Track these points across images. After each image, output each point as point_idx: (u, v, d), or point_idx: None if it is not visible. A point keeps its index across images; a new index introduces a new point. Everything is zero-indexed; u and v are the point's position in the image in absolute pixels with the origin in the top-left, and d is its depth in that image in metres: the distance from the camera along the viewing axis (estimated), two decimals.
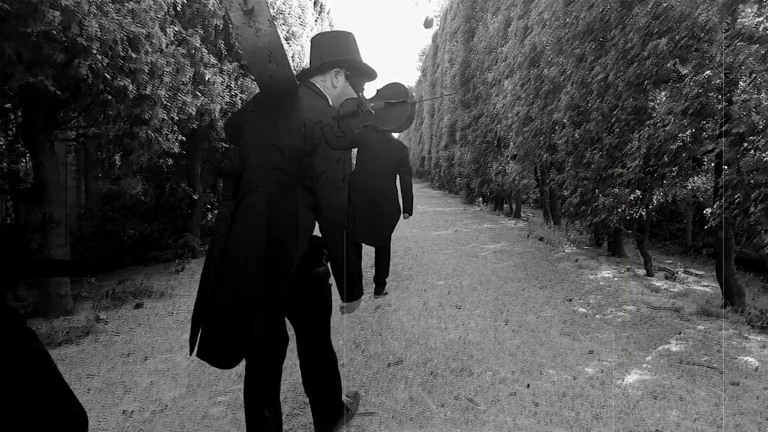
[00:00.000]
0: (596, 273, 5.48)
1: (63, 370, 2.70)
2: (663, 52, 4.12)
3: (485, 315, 3.84)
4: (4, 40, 2.54)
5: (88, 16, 2.68)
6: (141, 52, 3.13)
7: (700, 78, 3.85)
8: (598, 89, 5.22)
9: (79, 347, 3.04)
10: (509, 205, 12.86)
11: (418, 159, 28.58)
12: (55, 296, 3.49)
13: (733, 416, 2.37)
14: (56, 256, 3.44)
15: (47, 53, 2.63)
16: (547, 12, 7.03)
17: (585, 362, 2.95)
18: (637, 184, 4.69)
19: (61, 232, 3.49)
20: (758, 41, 3.43)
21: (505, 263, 5.92)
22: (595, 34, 5.42)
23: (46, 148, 3.39)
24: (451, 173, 16.78)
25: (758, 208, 3.28)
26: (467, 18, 14.54)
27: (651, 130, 4.36)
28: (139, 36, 3.07)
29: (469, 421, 2.25)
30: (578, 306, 4.16)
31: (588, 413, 2.34)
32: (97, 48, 2.77)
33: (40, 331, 3.15)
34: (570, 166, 6.05)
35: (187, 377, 2.65)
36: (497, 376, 2.73)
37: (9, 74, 2.64)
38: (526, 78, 8.16)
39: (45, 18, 2.49)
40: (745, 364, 3.02)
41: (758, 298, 5.51)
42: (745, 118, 3.38)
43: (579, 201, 5.73)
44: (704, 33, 3.84)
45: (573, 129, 5.89)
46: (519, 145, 8.40)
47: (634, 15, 4.64)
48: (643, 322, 3.76)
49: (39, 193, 3.40)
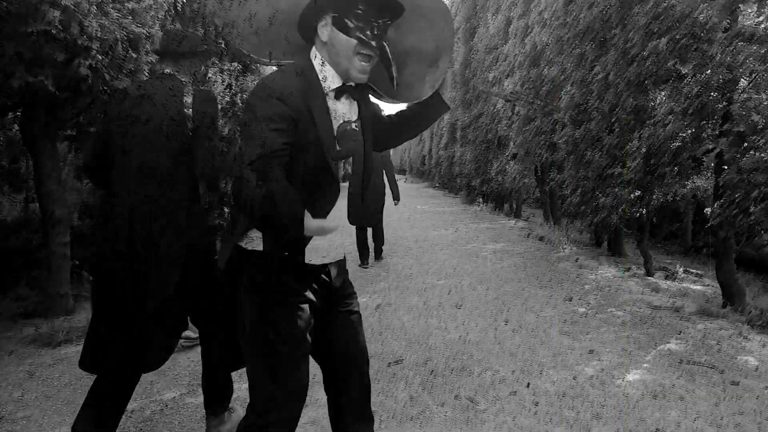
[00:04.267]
0: (596, 273, 5.48)
1: (63, 369, 2.70)
2: (663, 51, 4.12)
3: (485, 314, 3.84)
4: (4, 40, 2.54)
5: (89, 15, 2.67)
6: (141, 51, 3.13)
7: (700, 77, 3.85)
8: (598, 89, 5.22)
9: (79, 347, 3.02)
10: (509, 204, 12.85)
11: (419, 158, 28.56)
12: (55, 296, 3.48)
13: (733, 416, 2.37)
14: (57, 255, 3.44)
15: (47, 53, 2.62)
16: (547, 11, 7.03)
17: (585, 362, 2.96)
18: (637, 184, 4.69)
19: (62, 230, 3.49)
20: (758, 41, 3.43)
21: (505, 263, 5.92)
22: (595, 34, 5.42)
23: (46, 146, 3.39)
24: (451, 172, 16.78)
25: (758, 207, 3.28)
26: (467, 17, 14.53)
27: (651, 130, 4.36)
28: (139, 36, 3.06)
29: (469, 420, 2.25)
30: (578, 306, 4.16)
31: (588, 413, 2.34)
32: (97, 48, 2.76)
33: (40, 331, 3.15)
34: (570, 166, 6.05)
35: (187, 377, 2.65)
36: (497, 375, 2.73)
37: (9, 74, 2.64)
38: (526, 77, 8.16)
39: (45, 17, 2.49)
40: (745, 364, 3.02)
41: (758, 298, 5.52)
42: (745, 118, 3.38)
43: (579, 200, 5.73)
44: (704, 33, 3.83)
45: (573, 128, 5.89)
46: (519, 145, 8.40)
47: (635, 14, 4.63)
48: (643, 322, 3.76)
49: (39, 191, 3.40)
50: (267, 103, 1.16)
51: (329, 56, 1.27)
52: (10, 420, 2.19)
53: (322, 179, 1.25)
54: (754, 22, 3.65)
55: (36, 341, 3.04)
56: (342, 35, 1.22)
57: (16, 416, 2.22)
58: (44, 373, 2.65)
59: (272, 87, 1.18)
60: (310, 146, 1.21)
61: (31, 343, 3.03)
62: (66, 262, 3.52)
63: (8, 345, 3.00)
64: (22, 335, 3.14)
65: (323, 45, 1.27)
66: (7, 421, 2.17)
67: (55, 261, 3.45)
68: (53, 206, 3.44)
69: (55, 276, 3.47)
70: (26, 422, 2.17)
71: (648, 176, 4.55)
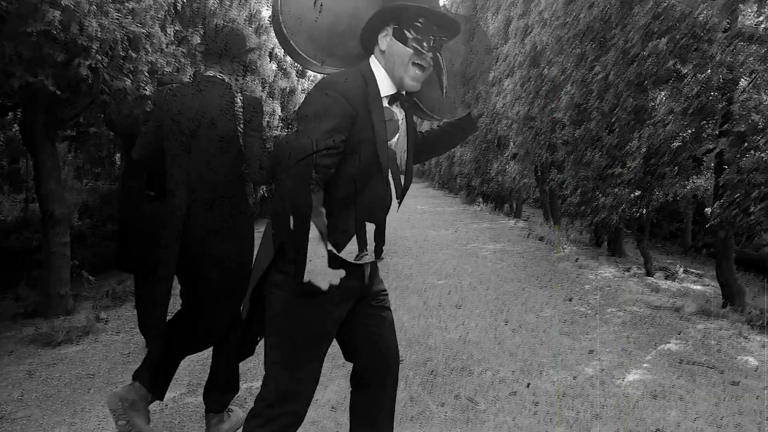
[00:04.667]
0: (596, 273, 5.48)
1: (63, 369, 2.71)
2: (663, 51, 4.12)
3: (485, 314, 3.84)
4: (4, 40, 2.54)
5: (88, 15, 2.67)
6: (141, 51, 3.13)
7: (700, 77, 3.85)
8: (598, 89, 5.22)
9: (79, 347, 3.04)
10: (509, 204, 12.85)
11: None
12: (55, 296, 3.48)
13: (733, 416, 2.37)
14: (57, 255, 3.44)
15: (47, 53, 2.62)
16: (547, 11, 7.03)
17: (585, 362, 2.96)
18: (637, 184, 4.69)
19: (62, 230, 3.49)
20: (758, 41, 3.43)
21: (505, 263, 5.92)
22: (595, 34, 5.42)
23: (46, 146, 3.39)
24: (451, 172, 16.76)
25: (758, 207, 3.28)
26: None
27: (651, 130, 4.36)
28: (139, 35, 3.06)
29: (469, 420, 2.25)
30: (578, 306, 4.16)
31: (588, 413, 2.34)
32: (97, 48, 2.76)
33: (40, 330, 3.15)
34: (570, 166, 6.05)
35: (187, 377, 2.65)
36: (497, 375, 2.73)
37: (9, 74, 2.64)
38: (526, 77, 8.15)
39: (45, 17, 2.49)
40: (744, 364, 3.02)
41: (758, 298, 5.51)
42: (745, 118, 3.39)
43: (579, 200, 5.72)
44: (704, 32, 3.83)
45: (573, 128, 5.89)
46: (519, 145, 8.40)
47: (635, 14, 4.63)
48: (643, 322, 3.76)
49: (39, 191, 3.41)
50: (330, 99, 1.24)
51: (386, 64, 1.35)
52: (10, 420, 2.19)
53: (372, 178, 1.32)
54: (754, 22, 3.65)
55: (36, 341, 3.04)
56: (400, 45, 1.31)
57: (16, 416, 2.22)
58: (44, 373, 2.65)
59: (338, 84, 1.27)
60: (362, 145, 1.28)
61: (30, 343, 3.03)
62: (66, 262, 3.52)
63: (8, 345, 3.00)
64: (22, 335, 3.14)
65: (381, 54, 1.36)
66: (7, 421, 2.17)
67: (55, 261, 3.45)
68: (53, 206, 3.44)
69: (55, 276, 3.47)
70: (26, 422, 2.17)
71: (648, 176, 4.55)
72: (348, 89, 1.26)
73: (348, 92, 1.26)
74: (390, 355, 1.48)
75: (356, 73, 1.33)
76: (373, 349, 1.46)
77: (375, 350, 1.46)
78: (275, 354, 1.33)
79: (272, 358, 1.34)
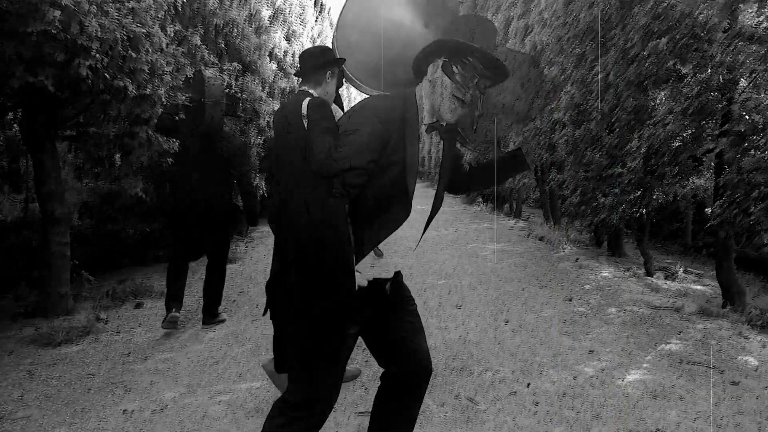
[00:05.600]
0: (596, 273, 5.48)
1: (63, 369, 2.71)
2: (663, 51, 4.11)
3: (485, 314, 3.84)
4: (4, 40, 2.54)
5: (88, 15, 2.67)
6: (141, 51, 3.13)
7: (700, 77, 3.85)
8: (598, 89, 5.22)
9: (79, 347, 3.04)
10: (509, 204, 12.85)
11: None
12: (55, 296, 3.48)
13: (733, 416, 2.37)
14: (57, 255, 3.45)
15: (47, 53, 2.62)
16: (547, 11, 7.03)
17: (585, 362, 2.96)
18: (638, 184, 4.69)
19: (63, 230, 3.49)
20: (758, 41, 3.43)
21: (505, 263, 5.92)
22: (595, 34, 5.42)
23: (46, 146, 3.39)
24: None
25: (758, 207, 3.28)
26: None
27: (651, 130, 4.36)
28: (139, 35, 3.06)
29: (469, 420, 2.25)
30: (578, 306, 4.16)
31: (588, 413, 2.34)
32: (97, 47, 2.76)
33: (40, 330, 3.15)
34: (570, 166, 6.05)
35: (187, 377, 2.65)
36: (497, 375, 2.73)
37: (9, 74, 2.64)
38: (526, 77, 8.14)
39: (45, 17, 2.49)
40: (744, 364, 3.02)
41: (758, 298, 5.52)
42: (746, 118, 3.39)
43: (579, 200, 5.72)
44: (704, 32, 3.83)
45: (573, 128, 5.88)
46: (519, 145, 8.39)
47: (635, 14, 4.63)
48: (643, 322, 3.76)
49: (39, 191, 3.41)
50: (367, 121, 1.32)
51: (430, 93, 1.43)
52: (10, 420, 2.19)
53: (395, 198, 1.40)
54: (754, 22, 3.64)
55: (36, 341, 3.04)
56: (445, 77, 1.39)
57: (16, 416, 2.22)
58: (44, 373, 2.65)
59: (377, 108, 1.36)
60: (393, 167, 1.35)
61: (31, 343, 3.03)
62: (66, 262, 3.52)
63: (8, 345, 3.00)
64: (22, 335, 3.15)
65: (429, 83, 1.44)
66: (7, 421, 2.17)
67: (55, 261, 3.45)
68: (53, 206, 3.44)
69: (55, 276, 3.47)
70: (26, 422, 2.17)
71: (648, 176, 4.55)
72: (387, 113, 1.34)
73: (385, 116, 1.33)
74: (424, 363, 1.53)
75: (398, 98, 1.39)
76: (409, 358, 1.51)
77: (411, 359, 1.51)
78: (298, 357, 1.39)
79: (296, 361, 1.40)
